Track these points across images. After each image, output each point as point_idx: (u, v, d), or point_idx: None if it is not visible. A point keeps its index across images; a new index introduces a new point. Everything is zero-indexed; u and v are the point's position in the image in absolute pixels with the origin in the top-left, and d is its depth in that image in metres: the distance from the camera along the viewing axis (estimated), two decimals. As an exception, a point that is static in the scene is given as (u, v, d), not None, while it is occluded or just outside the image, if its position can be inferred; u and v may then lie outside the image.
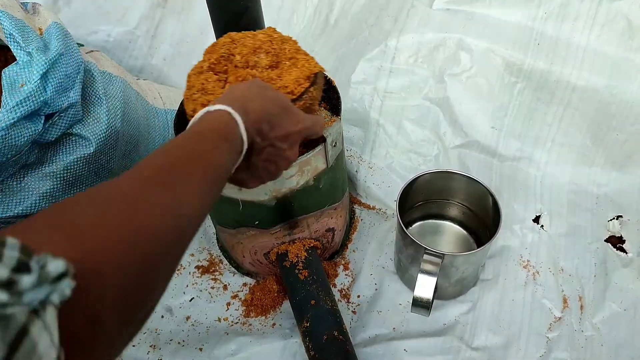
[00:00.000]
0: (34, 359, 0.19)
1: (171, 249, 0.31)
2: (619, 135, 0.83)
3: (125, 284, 0.26)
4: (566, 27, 0.83)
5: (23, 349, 0.18)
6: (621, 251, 0.79)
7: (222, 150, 0.37)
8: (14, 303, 0.18)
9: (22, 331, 0.18)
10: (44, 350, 0.19)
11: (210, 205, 0.37)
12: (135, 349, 0.73)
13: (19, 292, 0.19)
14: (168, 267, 0.31)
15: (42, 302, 0.20)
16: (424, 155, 0.91)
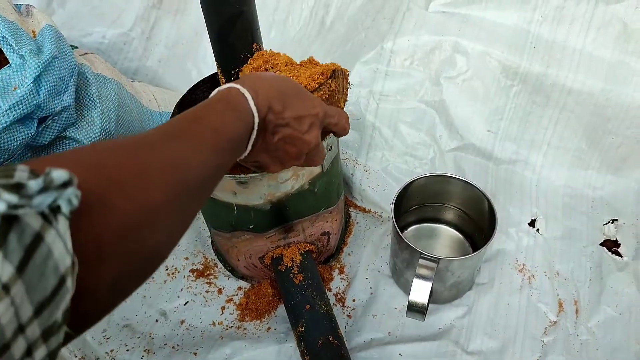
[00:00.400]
0: (50, 264, 0.20)
1: (174, 199, 0.31)
2: (614, 138, 0.83)
3: (128, 216, 0.26)
4: (562, 30, 0.83)
5: (39, 254, 0.19)
6: (616, 255, 0.79)
7: (227, 116, 0.38)
8: (24, 205, 0.19)
9: (37, 238, 0.19)
10: (59, 256, 0.20)
11: (217, 170, 0.37)
12: (129, 353, 0.73)
13: (28, 195, 0.20)
14: (171, 218, 0.31)
15: (53, 210, 0.21)
16: (420, 159, 0.90)
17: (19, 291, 0.19)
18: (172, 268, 0.83)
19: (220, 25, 0.59)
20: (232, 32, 0.59)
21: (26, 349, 0.20)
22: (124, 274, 0.26)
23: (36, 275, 0.20)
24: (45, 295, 0.20)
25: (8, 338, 0.19)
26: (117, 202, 0.26)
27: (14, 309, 0.19)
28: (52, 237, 0.20)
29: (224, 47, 0.61)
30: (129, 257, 0.27)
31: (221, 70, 0.63)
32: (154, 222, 0.28)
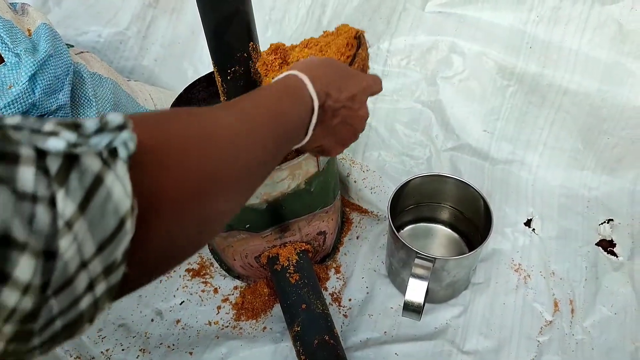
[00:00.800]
0: (110, 206, 0.20)
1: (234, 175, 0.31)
2: (609, 139, 0.84)
3: (184, 176, 0.27)
4: (558, 30, 0.83)
5: (99, 195, 0.20)
6: (612, 255, 0.79)
7: (286, 102, 0.38)
8: (82, 144, 0.20)
9: (97, 179, 0.20)
10: (118, 199, 0.21)
11: (275, 156, 0.37)
12: (125, 352, 0.73)
13: (85, 134, 0.21)
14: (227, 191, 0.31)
15: (111, 154, 0.21)
16: (416, 158, 0.90)
17: (82, 228, 0.19)
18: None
19: (216, 23, 0.59)
20: (228, 30, 0.59)
21: (88, 283, 0.21)
22: (175, 235, 0.27)
23: (97, 215, 0.20)
24: (106, 235, 0.21)
25: (71, 273, 0.19)
26: (175, 161, 0.26)
27: (77, 245, 0.19)
28: (111, 180, 0.21)
29: (220, 45, 0.61)
30: (182, 218, 0.27)
31: (217, 69, 0.63)
32: (211, 191, 0.29)
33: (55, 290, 0.19)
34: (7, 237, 0.17)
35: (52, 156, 0.19)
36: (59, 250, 0.19)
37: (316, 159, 0.63)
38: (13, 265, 0.17)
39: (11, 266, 0.17)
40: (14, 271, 0.17)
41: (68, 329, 0.21)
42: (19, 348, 0.19)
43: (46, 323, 0.20)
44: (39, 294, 0.18)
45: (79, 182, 0.19)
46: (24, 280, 0.18)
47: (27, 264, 0.18)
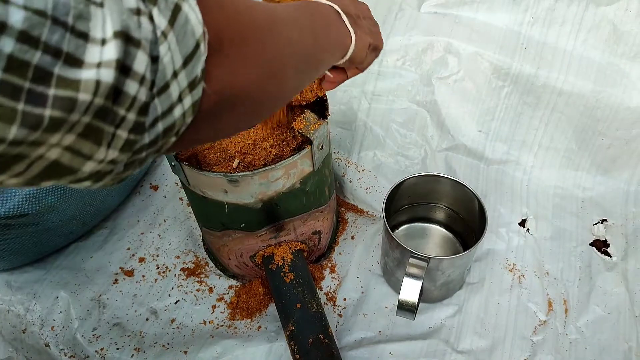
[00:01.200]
0: (188, 28, 0.24)
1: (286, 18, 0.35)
2: (604, 139, 0.84)
3: (239, 16, 0.30)
4: (553, 31, 0.83)
5: (180, 17, 0.23)
6: (605, 255, 0.80)
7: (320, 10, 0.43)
8: None
9: (177, 6, 0.23)
10: (194, 23, 0.24)
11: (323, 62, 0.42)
12: (120, 352, 0.73)
13: None
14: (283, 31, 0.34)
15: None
16: (411, 158, 0.91)
17: (172, 40, 0.23)
18: (163, 267, 0.83)
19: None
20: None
21: (179, 94, 0.24)
22: (239, 74, 0.29)
23: (181, 33, 0.24)
24: (188, 51, 0.24)
25: (168, 77, 0.23)
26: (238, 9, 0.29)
27: (170, 54, 0.23)
28: (187, 8, 0.24)
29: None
30: (243, 57, 0.30)
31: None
32: (265, 33, 0.32)
33: (158, 90, 0.23)
34: (127, 35, 0.21)
35: None
36: (160, 55, 0.23)
37: (311, 158, 0.63)
38: (133, 58, 0.21)
39: (131, 60, 0.21)
40: (133, 64, 0.21)
41: (165, 135, 0.25)
42: (135, 139, 0.23)
43: (153, 122, 0.24)
44: (149, 89, 0.23)
45: (165, 5, 0.23)
46: (140, 72, 0.22)
47: (142, 59, 0.22)
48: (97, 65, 0.20)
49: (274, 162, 0.61)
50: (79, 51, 0.19)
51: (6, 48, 0.17)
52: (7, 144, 0.19)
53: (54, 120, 0.19)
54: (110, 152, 0.23)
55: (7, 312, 0.76)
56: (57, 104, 0.19)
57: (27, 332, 0.74)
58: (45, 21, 0.18)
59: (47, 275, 0.80)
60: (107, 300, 0.79)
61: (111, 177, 0.25)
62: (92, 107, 0.20)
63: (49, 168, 0.21)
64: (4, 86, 0.18)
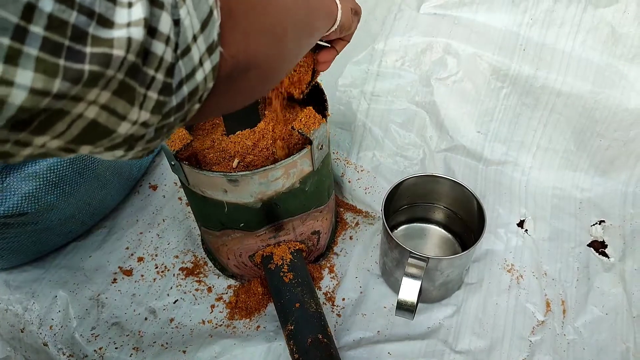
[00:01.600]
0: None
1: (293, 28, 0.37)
2: (602, 141, 0.84)
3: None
4: (551, 33, 0.83)
5: None
6: (603, 256, 0.80)
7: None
8: None
9: None
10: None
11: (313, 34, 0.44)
12: (118, 351, 0.73)
13: None
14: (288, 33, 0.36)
15: None
16: (410, 159, 0.91)
17: (190, 4, 0.24)
18: (162, 266, 0.83)
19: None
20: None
21: (199, 58, 0.26)
22: (250, 40, 0.31)
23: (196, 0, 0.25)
24: (204, 16, 0.25)
25: (189, 40, 0.25)
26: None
27: (190, 17, 0.24)
28: None
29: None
30: (254, 23, 0.31)
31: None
32: (275, 9, 0.33)
33: (181, 52, 0.24)
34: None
35: None
36: (180, 18, 0.24)
37: (311, 158, 0.64)
38: (158, 20, 0.22)
39: (157, 21, 0.22)
40: (159, 25, 0.22)
41: (190, 99, 0.26)
42: (164, 100, 0.25)
43: (179, 83, 0.25)
44: (174, 50, 0.24)
45: None
46: (165, 33, 0.23)
47: (166, 20, 0.23)
48: (127, 25, 0.21)
49: (274, 162, 0.62)
50: (109, 13, 0.21)
51: (47, 7, 0.19)
52: (52, 96, 0.20)
53: (92, 74, 0.21)
54: (143, 113, 0.24)
55: (6, 311, 0.76)
56: (95, 60, 0.21)
57: (25, 331, 0.74)
58: None
59: (46, 275, 0.80)
60: (106, 299, 0.79)
61: (142, 144, 0.27)
62: (125, 63, 0.22)
63: (88, 128, 0.23)
64: (46, 43, 0.19)
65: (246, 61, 0.31)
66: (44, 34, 0.19)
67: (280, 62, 0.37)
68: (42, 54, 0.19)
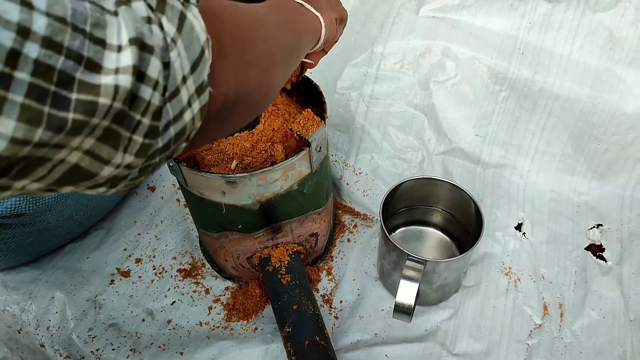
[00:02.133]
0: (194, 34, 0.25)
1: (270, 23, 0.37)
2: (599, 144, 0.85)
3: (239, 24, 0.32)
4: (550, 37, 0.84)
5: (186, 25, 0.24)
6: (601, 259, 0.80)
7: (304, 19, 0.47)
8: None
9: (182, 14, 0.24)
10: (199, 30, 0.25)
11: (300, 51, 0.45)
12: (115, 352, 0.73)
13: None
14: (270, 32, 0.36)
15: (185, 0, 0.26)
16: (408, 162, 0.91)
17: (181, 46, 0.24)
18: (160, 268, 0.83)
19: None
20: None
21: (188, 99, 0.26)
22: (239, 73, 0.31)
23: (188, 39, 0.25)
24: (195, 57, 0.25)
25: (179, 82, 0.24)
26: (229, 21, 0.31)
27: (180, 60, 0.24)
28: (191, 16, 0.25)
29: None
30: (242, 60, 0.31)
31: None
32: (261, 39, 0.34)
33: (170, 95, 0.24)
34: (141, 41, 0.22)
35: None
36: (171, 60, 0.23)
37: (309, 160, 0.64)
38: (147, 64, 0.22)
39: (146, 65, 0.22)
40: (148, 70, 0.22)
41: (177, 139, 0.26)
42: (150, 143, 0.24)
43: (166, 125, 0.25)
44: (162, 94, 0.24)
45: (172, 14, 0.24)
46: (154, 78, 0.23)
47: (155, 65, 0.22)
48: (115, 70, 0.21)
49: (272, 164, 0.62)
50: (98, 57, 0.20)
51: (32, 53, 0.18)
52: (33, 145, 0.19)
53: (76, 123, 0.20)
54: (127, 156, 0.24)
55: (3, 312, 0.76)
56: (80, 108, 0.20)
57: (22, 332, 0.74)
58: (66, 28, 0.19)
59: (43, 276, 0.80)
60: (103, 300, 0.78)
61: (126, 182, 0.26)
62: (111, 111, 0.21)
63: (70, 172, 0.22)
64: (31, 90, 0.18)
65: (235, 96, 0.31)
66: (29, 80, 0.18)
67: (268, 91, 0.37)
68: (27, 100, 0.18)
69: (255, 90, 0.34)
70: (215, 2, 0.31)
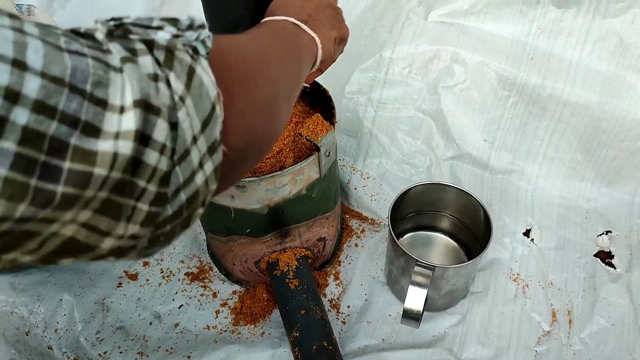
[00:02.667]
0: (204, 90, 0.24)
1: (271, 60, 0.36)
2: (609, 151, 0.84)
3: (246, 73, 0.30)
4: (559, 43, 0.84)
5: (195, 80, 0.23)
6: (610, 266, 0.80)
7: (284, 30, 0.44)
8: (180, 35, 0.24)
9: (191, 68, 0.23)
10: (208, 85, 0.24)
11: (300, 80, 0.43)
12: (123, 355, 0.73)
13: (182, 28, 0.24)
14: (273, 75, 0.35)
15: (194, 50, 0.24)
16: (416, 167, 0.91)
17: (190, 105, 0.23)
18: (167, 271, 0.83)
19: (222, 29, 0.59)
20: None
21: (199, 160, 0.24)
22: (249, 119, 0.30)
23: (197, 96, 0.23)
24: (205, 115, 0.24)
25: (188, 143, 0.23)
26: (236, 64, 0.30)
27: (189, 119, 0.23)
28: (200, 70, 0.24)
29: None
30: (251, 106, 0.30)
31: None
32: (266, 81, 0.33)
33: (179, 157, 0.22)
34: (147, 102, 0.20)
35: (157, 49, 0.22)
36: (179, 120, 0.22)
37: (318, 165, 0.64)
38: (153, 127, 0.20)
39: (151, 128, 0.20)
40: (153, 133, 0.21)
41: (190, 204, 0.24)
42: (157, 212, 0.22)
43: (175, 191, 0.23)
44: (170, 157, 0.22)
45: (181, 69, 0.23)
46: (160, 141, 0.21)
47: (162, 127, 0.21)
48: (115, 135, 0.19)
49: (281, 168, 0.62)
50: (97, 119, 0.19)
51: (20, 119, 0.16)
52: (13, 221, 0.17)
53: (67, 196, 0.18)
54: (131, 226, 0.22)
55: (11, 314, 0.76)
56: (71, 180, 0.18)
57: (30, 334, 0.74)
58: (62, 89, 0.18)
59: (52, 278, 0.80)
60: (111, 303, 0.79)
61: (135, 253, 0.25)
62: (108, 181, 0.20)
63: (64, 245, 0.20)
64: (18, 161, 0.16)
65: (245, 146, 0.29)
66: (16, 149, 0.16)
67: (275, 133, 0.35)
68: (12, 173, 0.16)
69: (264, 135, 0.32)
70: (224, 42, 0.29)
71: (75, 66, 0.18)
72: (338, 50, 0.53)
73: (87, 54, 0.19)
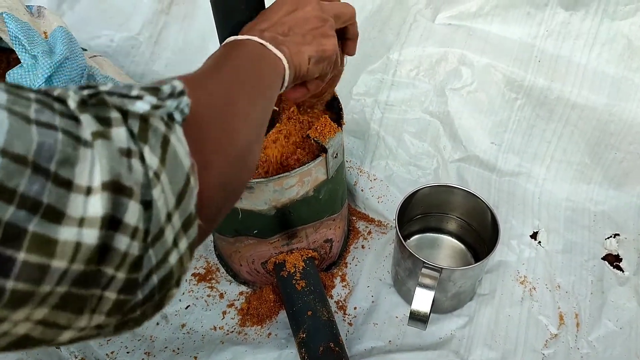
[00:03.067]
0: (178, 162, 0.22)
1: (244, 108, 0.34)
2: (617, 154, 0.84)
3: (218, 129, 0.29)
4: (567, 45, 0.83)
5: (170, 152, 0.22)
6: (618, 269, 0.79)
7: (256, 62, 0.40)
8: (161, 106, 0.22)
9: (165, 139, 0.22)
10: (182, 156, 0.23)
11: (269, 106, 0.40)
12: (130, 355, 0.73)
13: (162, 98, 0.23)
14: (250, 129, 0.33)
15: (169, 117, 0.23)
16: (423, 169, 0.91)
17: (165, 180, 0.21)
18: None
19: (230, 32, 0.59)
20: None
21: (174, 238, 0.22)
22: (224, 177, 0.29)
23: (172, 170, 0.22)
24: (180, 188, 0.22)
25: (162, 222, 0.21)
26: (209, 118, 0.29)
27: (164, 196, 0.21)
28: (175, 140, 0.22)
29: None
30: (226, 162, 0.29)
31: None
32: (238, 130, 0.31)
33: (152, 238, 0.21)
34: (118, 184, 0.19)
35: (132, 118, 0.21)
36: (153, 199, 0.20)
37: (325, 166, 0.64)
38: (124, 210, 0.19)
39: (123, 211, 0.19)
40: (124, 216, 0.19)
41: (162, 286, 0.22)
42: (126, 299, 0.21)
43: (147, 275, 0.21)
44: (143, 240, 0.20)
45: (155, 140, 0.21)
46: (132, 224, 0.19)
47: (134, 209, 0.19)
48: (79, 222, 0.17)
49: (289, 170, 0.62)
50: (61, 202, 0.17)
51: None
52: None
53: (17, 294, 0.16)
54: (96, 317, 0.20)
55: (19, 314, 0.76)
56: (24, 275, 0.16)
57: (38, 333, 0.75)
58: (24, 169, 0.16)
59: (59, 278, 0.81)
60: (118, 303, 0.79)
61: (99, 339, 0.23)
62: (68, 275, 0.17)
63: (17, 342, 0.18)
64: None
65: (222, 203, 0.29)
66: None
67: (250, 175, 0.34)
68: None
69: (240, 183, 0.32)
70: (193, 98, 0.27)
71: (42, 142, 0.16)
72: (317, 68, 0.46)
73: (57, 125, 0.18)
